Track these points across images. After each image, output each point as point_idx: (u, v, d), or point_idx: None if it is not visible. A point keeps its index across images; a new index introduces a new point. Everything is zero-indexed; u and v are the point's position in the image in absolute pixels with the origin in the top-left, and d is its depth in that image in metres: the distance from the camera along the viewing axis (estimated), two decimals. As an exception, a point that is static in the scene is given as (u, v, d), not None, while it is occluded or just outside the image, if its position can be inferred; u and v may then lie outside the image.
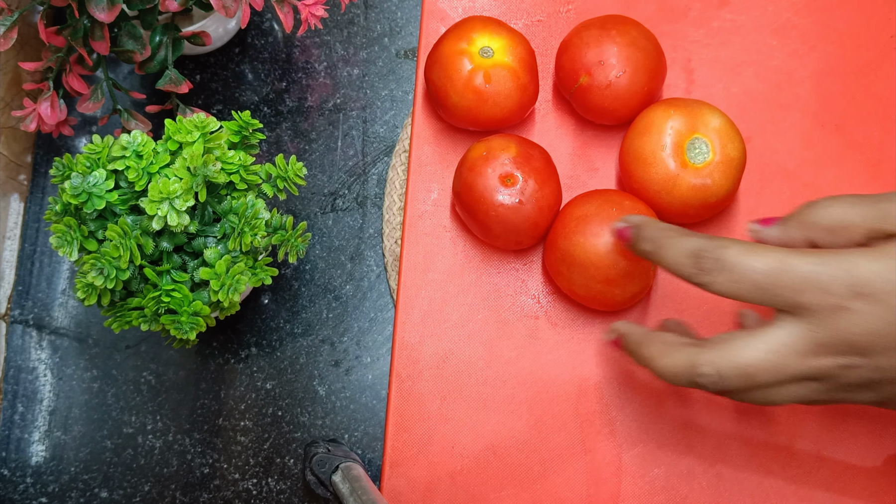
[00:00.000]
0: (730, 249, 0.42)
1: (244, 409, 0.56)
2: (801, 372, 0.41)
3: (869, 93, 0.58)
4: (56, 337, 0.57)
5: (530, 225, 0.52)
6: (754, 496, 0.53)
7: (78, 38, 0.50)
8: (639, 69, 0.53)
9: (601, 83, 0.53)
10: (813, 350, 0.40)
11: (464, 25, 0.55)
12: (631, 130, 0.54)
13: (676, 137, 0.51)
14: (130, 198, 0.45)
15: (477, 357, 0.55)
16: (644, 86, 0.53)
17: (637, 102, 0.54)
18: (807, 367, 0.41)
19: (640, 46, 0.53)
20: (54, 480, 0.55)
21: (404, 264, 0.56)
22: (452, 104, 0.54)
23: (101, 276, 0.43)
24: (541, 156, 0.53)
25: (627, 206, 0.51)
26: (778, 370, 0.41)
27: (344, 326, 0.57)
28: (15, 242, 0.59)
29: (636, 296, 0.51)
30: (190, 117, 0.46)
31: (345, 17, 0.62)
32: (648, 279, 0.51)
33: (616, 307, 0.52)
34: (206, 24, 0.56)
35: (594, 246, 0.50)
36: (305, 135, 0.60)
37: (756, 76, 0.59)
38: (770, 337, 0.41)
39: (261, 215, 0.46)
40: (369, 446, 0.55)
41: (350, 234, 0.59)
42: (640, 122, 0.53)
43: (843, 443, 0.53)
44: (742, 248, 0.41)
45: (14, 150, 0.59)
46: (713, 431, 0.54)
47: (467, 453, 0.53)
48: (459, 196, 0.53)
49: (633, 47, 0.53)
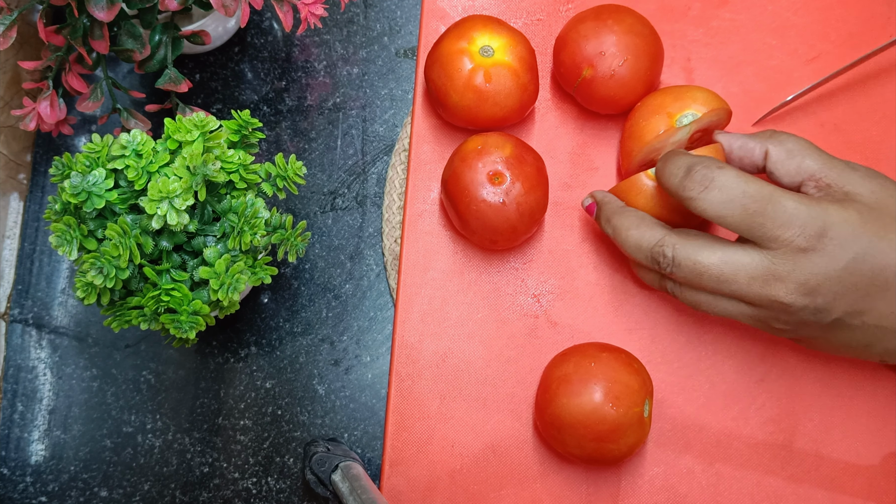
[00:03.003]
0: (725, 169, 0.44)
1: (244, 408, 0.56)
2: (742, 292, 0.44)
3: (868, 93, 0.58)
4: (56, 336, 0.57)
5: (509, 227, 0.52)
6: (753, 495, 0.53)
7: (77, 37, 0.50)
8: (640, 55, 0.53)
9: (604, 74, 0.53)
10: (763, 278, 0.44)
11: (464, 24, 0.55)
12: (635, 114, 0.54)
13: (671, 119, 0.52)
14: (130, 197, 0.45)
15: (476, 356, 0.55)
16: (646, 71, 0.53)
17: (641, 88, 0.54)
18: (749, 290, 0.44)
19: (638, 32, 0.53)
20: (54, 479, 0.55)
21: (404, 263, 0.56)
22: (453, 103, 0.54)
23: (101, 275, 0.43)
24: (534, 162, 0.53)
25: (605, 358, 0.50)
26: (722, 279, 0.44)
27: (343, 325, 0.57)
28: (14, 241, 0.59)
29: (633, 447, 0.49)
30: (189, 116, 0.46)
31: (344, 17, 0.62)
32: (643, 429, 0.49)
33: (615, 462, 0.50)
34: (205, 23, 0.56)
35: (578, 405, 0.48)
36: (305, 134, 0.60)
37: (755, 75, 0.59)
38: (731, 251, 0.45)
39: (260, 214, 0.46)
40: (369, 445, 0.55)
41: (349, 233, 0.59)
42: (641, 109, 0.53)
43: (842, 442, 0.53)
44: (737, 171, 0.44)
45: (14, 148, 0.59)
46: (712, 430, 0.54)
47: (467, 452, 0.53)
48: (446, 184, 0.53)
49: (631, 34, 0.53)
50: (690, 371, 0.54)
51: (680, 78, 0.59)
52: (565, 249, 0.57)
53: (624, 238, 0.49)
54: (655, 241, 0.47)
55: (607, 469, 0.53)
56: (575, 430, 0.48)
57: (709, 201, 0.44)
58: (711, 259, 0.45)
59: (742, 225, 0.44)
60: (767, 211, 0.43)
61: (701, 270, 0.45)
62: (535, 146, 0.58)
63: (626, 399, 0.48)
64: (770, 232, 0.43)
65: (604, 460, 0.49)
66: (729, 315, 0.47)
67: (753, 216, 0.43)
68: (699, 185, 0.44)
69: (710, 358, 0.55)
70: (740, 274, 0.44)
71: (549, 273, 0.56)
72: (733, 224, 0.44)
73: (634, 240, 0.48)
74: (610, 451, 0.48)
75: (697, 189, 0.44)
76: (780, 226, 0.43)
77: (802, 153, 0.47)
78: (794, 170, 0.47)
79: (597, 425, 0.48)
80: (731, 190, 0.44)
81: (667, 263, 0.46)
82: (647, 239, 0.47)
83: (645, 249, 0.47)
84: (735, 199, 0.43)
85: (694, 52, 0.59)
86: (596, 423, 0.48)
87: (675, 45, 0.60)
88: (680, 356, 0.55)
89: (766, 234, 0.43)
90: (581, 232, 0.57)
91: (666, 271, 0.46)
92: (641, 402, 0.48)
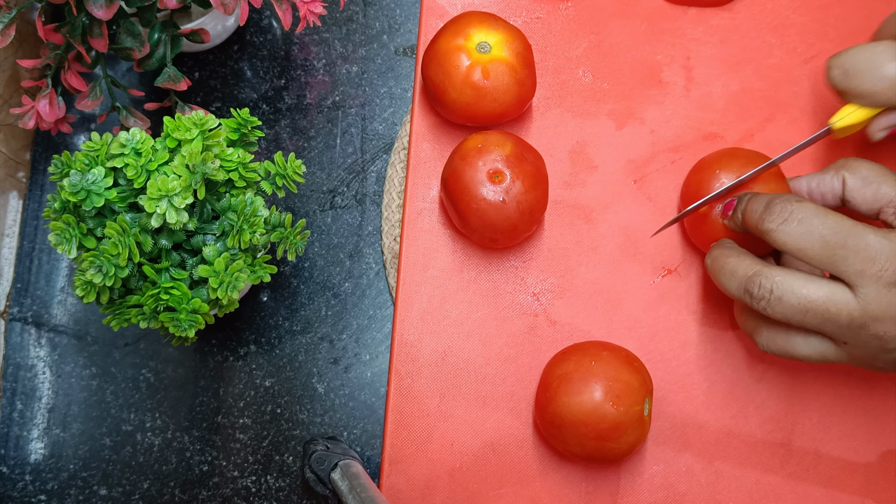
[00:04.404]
0: (805, 203, 0.44)
1: (243, 407, 0.56)
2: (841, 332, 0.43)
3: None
4: (55, 334, 0.57)
5: (509, 225, 0.52)
6: (752, 493, 0.53)
7: (76, 36, 0.50)
8: None
9: None
10: (861, 319, 0.42)
11: (460, 21, 0.55)
12: None
13: None
14: (129, 195, 0.45)
15: (476, 354, 0.55)
16: None
17: None
18: (849, 329, 0.43)
19: None
20: (53, 478, 0.55)
21: (403, 262, 0.56)
22: (451, 100, 0.54)
23: (100, 273, 0.43)
24: (535, 160, 0.53)
25: (605, 357, 0.50)
26: (828, 317, 0.43)
27: (343, 324, 0.57)
28: (13, 240, 0.59)
29: (633, 446, 0.49)
30: (189, 115, 0.46)
31: (343, 15, 0.62)
32: (643, 427, 0.49)
33: (615, 460, 0.50)
34: (204, 22, 0.56)
35: (579, 404, 0.48)
36: (304, 132, 0.60)
37: (755, 74, 0.59)
38: (836, 287, 0.43)
39: (259, 213, 0.46)
40: (368, 444, 0.55)
41: (349, 231, 0.59)
42: None
43: (840, 440, 0.53)
44: (816, 205, 0.44)
45: (13, 147, 0.59)
46: (711, 429, 0.54)
47: (466, 451, 0.53)
48: (446, 182, 0.53)
49: None
50: (690, 370, 0.54)
51: (680, 76, 0.59)
52: (565, 248, 0.57)
53: (721, 265, 0.47)
54: (753, 270, 0.45)
55: (607, 467, 0.53)
56: (575, 429, 0.48)
57: (788, 233, 0.43)
58: (818, 294, 0.43)
59: (823, 258, 0.43)
60: (849, 244, 0.42)
61: (807, 306, 0.43)
62: (535, 145, 0.58)
63: (627, 398, 0.48)
64: (854, 266, 0.42)
65: (604, 459, 0.49)
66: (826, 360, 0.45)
67: (835, 249, 0.42)
68: (778, 218, 0.44)
69: (709, 356, 0.55)
70: (843, 313, 0.43)
71: (548, 271, 0.56)
72: (814, 257, 0.43)
73: (731, 266, 0.46)
74: (610, 450, 0.49)
75: (777, 221, 0.44)
76: (864, 260, 0.42)
77: (878, 179, 0.46)
78: (872, 197, 0.46)
79: (597, 424, 0.48)
80: (811, 222, 0.43)
81: (762, 294, 0.44)
82: (744, 268, 0.45)
83: (739, 277, 0.45)
84: (814, 232, 0.43)
85: (693, 51, 0.59)
86: (596, 422, 0.48)
87: (675, 44, 0.60)
88: (679, 355, 0.55)
89: (851, 269, 0.42)
90: (580, 230, 0.57)
91: (759, 305, 0.44)
92: (641, 400, 0.49)
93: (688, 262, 0.56)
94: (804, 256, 0.43)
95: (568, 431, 0.49)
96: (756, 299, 0.44)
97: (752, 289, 0.44)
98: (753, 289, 0.44)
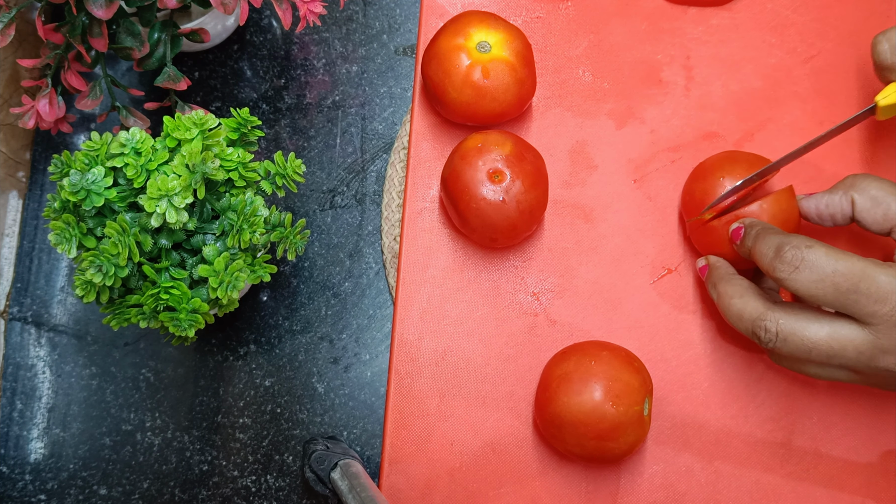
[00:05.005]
0: (815, 248, 0.44)
1: (243, 407, 0.56)
2: (851, 365, 0.44)
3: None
4: (55, 334, 0.57)
5: (509, 225, 0.52)
6: (752, 493, 0.53)
7: (76, 35, 0.50)
8: None
9: None
10: (870, 353, 0.43)
11: (460, 20, 0.55)
12: None
13: None
14: (129, 195, 0.45)
15: (476, 354, 0.55)
16: None
17: None
18: (858, 363, 0.44)
19: None
20: (53, 478, 0.55)
21: (403, 261, 0.56)
22: (451, 100, 0.54)
23: (100, 273, 0.43)
24: (534, 160, 0.53)
25: (605, 357, 0.50)
26: (831, 354, 0.44)
27: (343, 323, 0.57)
28: (13, 239, 0.59)
29: (633, 445, 0.49)
30: (188, 114, 0.46)
31: (343, 14, 0.62)
32: (642, 427, 0.49)
33: (615, 460, 0.50)
34: (204, 21, 0.56)
35: (579, 403, 0.48)
36: (304, 132, 0.60)
37: (755, 73, 0.59)
38: (837, 326, 0.44)
39: (259, 212, 0.46)
40: (368, 443, 0.55)
41: (349, 231, 0.58)
42: None
43: (841, 439, 0.53)
44: (826, 248, 0.44)
45: (12, 146, 0.59)
46: (711, 428, 0.54)
47: (466, 450, 0.53)
48: (446, 182, 0.53)
49: None
50: (690, 369, 0.54)
51: (680, 76, 0.59)
52: (565, 247, 0.57)
53: (726, 305, 0.48)
54: (758, 314, 0.46)
55: (607, 467, 0.53)
56: (575, 429, 0.48)
57: (800, 282, 0.44)
58: (819, 335, 0.44)
59: (836, 303, 0.44)
60: (861, 288, 0.43)
61: (810, 347, 0.44)
62: (535, 144, 0.58)
63: (627, 397, 0.48)
64: (866, 308, 0.43)
65: (604, 458, 0.49)
66: (839, 380, 0.47)
67: (847, 294, 0.43)
68: (789, 266, 0.44)
69: (709, 356, 0.55)
70: (848, 349, 0.44)
71: (548, 271, 0.56)
72: (827, 302, 0.44)
73: (737, 309, 0.47)
74: (610, 450, 0.49)
75: (788, 270, 0.44)
76: (876, 301, 0.43)
77: (888, 199, 0.47)
78: (882, 217, 0.47)
79: (597, 423, 0.48)
80: (822, 269, 0.43)
81: (769, 338, 0.45)
82: (749, 311, 0.47)
83: (746, 321, 0.47)
84: (826, 278, 0.43)
85: (693, 50, 0.59)
86: (596, 422, 0.48)
87: (675, 44, 0.60)
88: (679, 354, 0.55)
89: (863, 311, 0.43)
90: (580, 230, 0.57)
91: (767, 346, 0.46)
92: (641, 400, 0.49)
93: (688, 262, 0.56)
94: (817, 302, 0.44)
95: (568, 431, 0.49)
96: (764, 342, 0.46)
97: (759, 333, 0.46)
98: (760, 333, 0.46)
